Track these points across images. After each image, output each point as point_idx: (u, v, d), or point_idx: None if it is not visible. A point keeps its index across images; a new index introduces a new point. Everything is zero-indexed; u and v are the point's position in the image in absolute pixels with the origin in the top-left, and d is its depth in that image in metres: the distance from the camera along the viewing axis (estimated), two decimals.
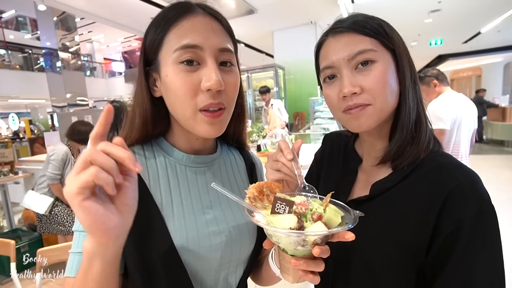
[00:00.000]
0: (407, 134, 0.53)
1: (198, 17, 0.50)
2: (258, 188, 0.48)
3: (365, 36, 0.51)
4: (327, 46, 0.55)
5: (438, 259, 0.48)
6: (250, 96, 5.76)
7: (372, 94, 0.50)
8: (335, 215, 0.42)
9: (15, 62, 11.03)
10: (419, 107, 0.54)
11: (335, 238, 0.42)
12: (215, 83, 0.47)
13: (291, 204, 0.42)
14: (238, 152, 0.71)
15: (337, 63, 0.52)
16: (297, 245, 0.41)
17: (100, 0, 4.52)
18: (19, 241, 2.79)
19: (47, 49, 5.51)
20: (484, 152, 7.30)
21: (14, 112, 13.95)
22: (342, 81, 0.51)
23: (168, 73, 0.50)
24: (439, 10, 5.88)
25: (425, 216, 0.48)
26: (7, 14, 8.97)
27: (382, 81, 0.50)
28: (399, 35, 0.54)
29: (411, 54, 0.55)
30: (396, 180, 0.53)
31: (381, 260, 0.52)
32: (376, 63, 0.50)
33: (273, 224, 0.41)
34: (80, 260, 0.48)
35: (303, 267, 0.42)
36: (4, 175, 3.11)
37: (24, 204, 2.51)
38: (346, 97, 0.51)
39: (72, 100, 5.54)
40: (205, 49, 0.49)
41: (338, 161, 0.67)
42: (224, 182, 0.62)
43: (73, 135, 2.48)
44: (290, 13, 5.41)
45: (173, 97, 0.50)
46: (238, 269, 0.60)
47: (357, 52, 0.50)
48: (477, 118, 2.24)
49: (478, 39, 8.98)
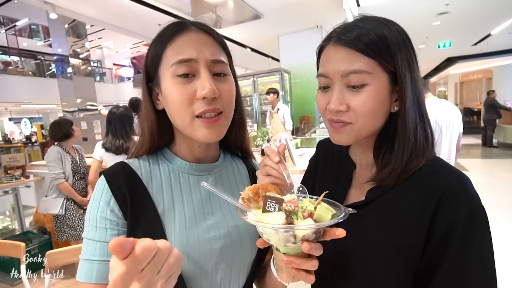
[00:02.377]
0: (403, 159, 0.52)
1: (191, 33, 0.54)
2: (254, 190, 0.49)
3: (363, 55, 0.50)
4: (326, 53, 0.55)
5: (432, 261, 0.48)
6: (256, 100, 5.77)
7: (356, 114, 0.51)
8: (326, 213, 0.43)
9: (28, 69, 11.35)
10: (419, 127, 0.53)
11: (326, 236, 0.43)
12: (209, 91, 0.51)
13: (280, 202, 0.43)
14: (241, 161, 0.72)
15: (331, 75, 0.53)
16: (287, 242, 0.42)
17: (109, 8, 4.62)
18: (30, 244, 2.84)
19: (59, 56, 5.65)
20: (495, 156, 7.14)
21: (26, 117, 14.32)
22: (332, 95, 0.53)
23: (167, 86, 0.53)
24: (447, 12, 5.82)
25: (419, 220, 0.49)
26: (20, 22, 9.27)
27: (368, 105, 0.50)
28: (408, 49, 0.52)
29: (419, 57, 0.54)
30: (390, 186, 0.54)
31: (378, 264, 0.52)
32: (368, 86, 0.50)
33: (262, 221, 0.42)
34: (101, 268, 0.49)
35: (296, 265, 0.43)
36: (16, 179, 3.18)
37: (41, 210, 2.59)
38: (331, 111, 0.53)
39: (82, 105, 5.66)
40: (199, 61, 0.52)
41: (332, 167, 0.68)
42: (225, 189, 0.63)
43: (55, 136, 2.58)
44: (296, 17, 5.44)
45: (172, 107, 0.54)
46: (241, 275, 0.60)
47: (351, 70, 0.50)
48: (491, 121, 2.21)
49: (488, 41, 8.84)
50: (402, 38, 0.52)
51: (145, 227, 0.52)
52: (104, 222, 0.52)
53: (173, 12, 4.68)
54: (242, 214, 0.45)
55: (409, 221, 0.50)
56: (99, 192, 0.53)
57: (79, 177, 2.62)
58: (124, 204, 0.52)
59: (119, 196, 0.52)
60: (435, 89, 15.46)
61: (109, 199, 0.52)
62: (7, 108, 13.81)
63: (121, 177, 0.54)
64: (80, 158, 2.68)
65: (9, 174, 3.20)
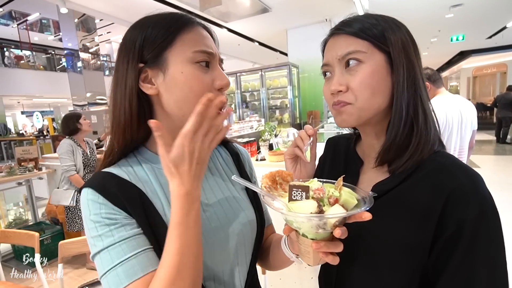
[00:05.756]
0: (398, 136, 0.53)
1: (201, 29, 0.56)
2: (271, 177, 0.50)
3: (357, 38, 0.53)
4: (327, 45, 0.59)
5: (440, 260, 0.48)
6: (263, 94, 5.75)
7: (354, 93, 0.53)
8: (351, 197, 0.44)
9: (39, 63, 11.54)
10: (417, 109, 0.53)
11: (351, 219, 0.44)
12: (227, 83, 0.55)
13: (306, 189, 0.44)
14: (222, 146, 0.73)
15: (331, 62, 0.56)
16: (318, 229, 0.43)
17: (118, 2, 4.64)
18: (43, 234, 2.93)
19: (69, 50, 5.72)
20: (509, 153, 6.96)
21: (38, 111, 14.63)
22: (332, 79, 0.55)
23: (184, 70, 0.51)
24: (461, 4, 5.64)
25: (426, 217, 0.49)
26: (32, 17, 9.39)
27: (365, 82, 0.52)
28: (405, 35, 0.54)
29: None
30: (397, 181, 0.53)
31: (384, 260, 0.53)
32: (363, 64, 0.52)
33: (293, 210, 0.43)
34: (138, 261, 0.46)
35: (324, 249, 0.44)
36: (29, 171, 3.25)
37: (53, 202, 2.66)
38: (334, 94, 0.55)
39: (92, 99, 5.73)
40: (216, 56, 0.56)
41: (340, 164, 0.68)
42: (216, 178, 0.64)
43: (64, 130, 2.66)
44: (305, 11, 5.35)
45: (186, 93, 0.51)
46: (247, 259, 0.62)
47: (346, 53, 0.53)
48: (508, 118, 2.13)
49: (503, 34, 8.55)
50: (397, 26, 0.54)
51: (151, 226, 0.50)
52: (115, 222, 0.48)
53: (181, 6, 4.66)
54: (270, 204, 0.45)
55: (416, 217, 0.50)
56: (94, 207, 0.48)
57: (89, 170, 2.67)
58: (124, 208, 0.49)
59: (117, 202, 0.49)
60: (447, 84, 15.08)
61: (110, 207, 0.49)
62: (19, 102, 14.12)
63: (112, 183, 0.51)
64: (90, 151, 2.73)
65: (22, 166, 3.28)
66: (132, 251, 0.46)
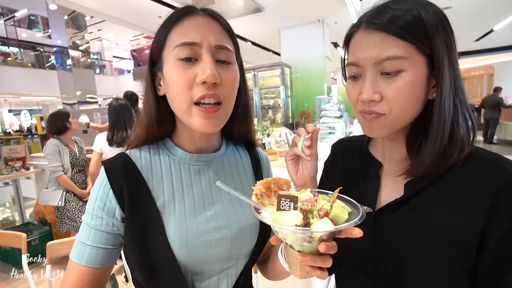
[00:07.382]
0: (439, 149, 0.47)
1: (198, 17, 0.53)
2: (265, 184, 0.48)
3: (399, 39, 0.45)
4: (356, 40, 0.51)
5: (495, 257, 0.45)
6: (256, 94, 5.75)
7: (390, 104, 0.47)
8: (342, 212, 0.42)
9: (27, 60, 11.26)
10: (456, 116, 0.48)
11: (342, 234, 0.41)
12: (209, 75, 0.49)
13: (295, 200, 0.42)
14: (245, 149, 0.71)
15: (363, 63, 0.49)
16: (303, 242, 0.41)
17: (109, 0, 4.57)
18: (30, 235, 2.87)
19: (58, 47, 5.61)
20: None
21: (26, 109, 14.28)
22: (364, 84, 0.48)
23: (168, 69, 0.52)
24: (450, 7, 5.77)
25: (473, 212, 0.45)
26: (19, 13, 9.16)
27: (405, 92, 0.46)
28: (446, 30, 0.47)
29: None
30: (431, 179, 0.50)
31: (425, 262, 0.49)
32: (404, 72, 0.46)
33: (278, 221, 0.41)
34: (91, 252, 0.53)
35: (310, 263, 0.42)
36: (17, 170, 3.18)
37: (41, 202, 2.60)
38: (364, 101, 0.49)
39: (82, 97, 5.64)
40: (203, 46, 0.51)
41: (355, 169, 0.63)
42: (227, 179, 0.63)
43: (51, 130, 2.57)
44: (298, 11, 5.38)
45: (171, 91, 0.52)
46: (239, 263, 0.61)
47: (385, 57, 0.45)
48: (495, 119, 2.17)
49: (490, 37, 8.76)
50: (439, 18, 0.47)
51: (143, 219, 0.53)
52: (101, 212, 0.54)
53: (173, 4, 4.62)
54: (257, 212, 0.44)
55: (460, 213, 0.47)
56: (100, 182, 0.55)
57: (78, 170, 2.62)
58: (121, 197, 0.53)
59: (116, 188, 0.53)
60: None
61: (108, 190, 0.54)
62: (6, 100, 13.76)
63: (120, 169, 0.55)
64: (79, 151, 2.68)
65: (9, 165, 3.21)
66: (92, 241, 0.53)
